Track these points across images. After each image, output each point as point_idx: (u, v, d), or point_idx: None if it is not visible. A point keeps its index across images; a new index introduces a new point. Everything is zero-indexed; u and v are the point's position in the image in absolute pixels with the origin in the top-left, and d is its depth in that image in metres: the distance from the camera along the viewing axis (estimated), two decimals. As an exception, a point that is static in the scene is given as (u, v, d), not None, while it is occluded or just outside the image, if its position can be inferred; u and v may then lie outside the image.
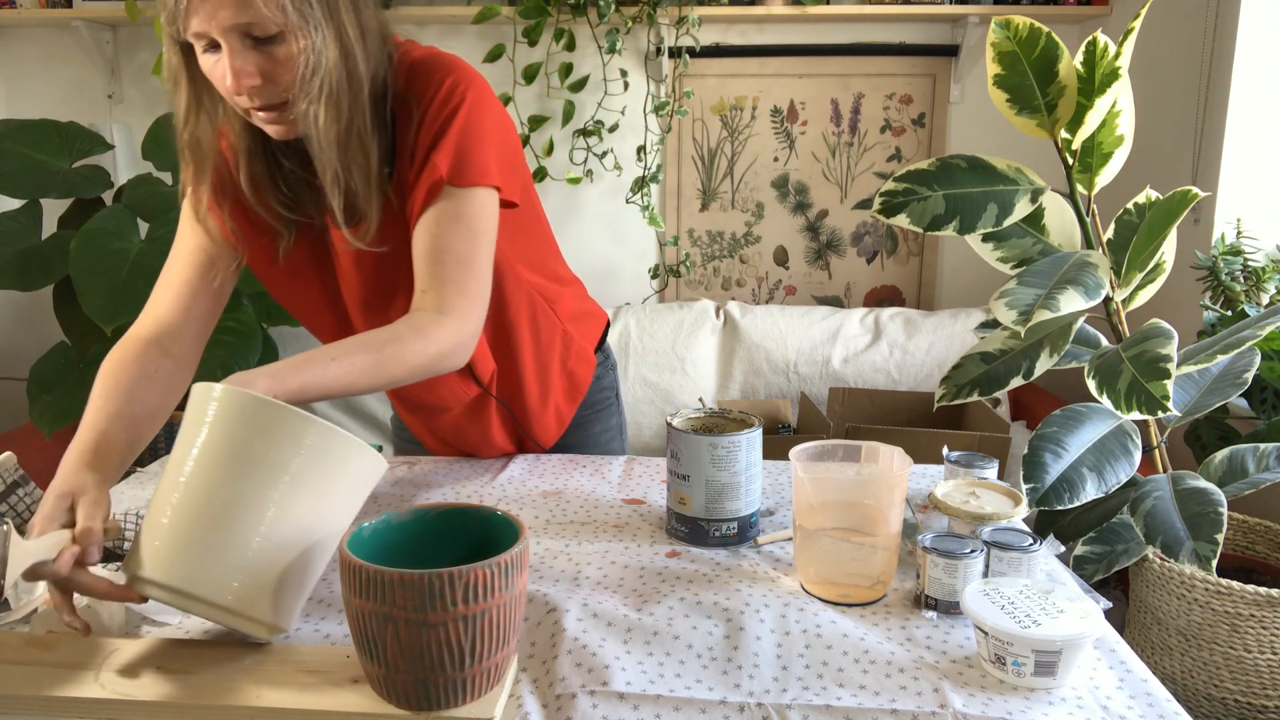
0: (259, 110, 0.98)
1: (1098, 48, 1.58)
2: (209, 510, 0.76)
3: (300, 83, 0.96)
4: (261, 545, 0.76)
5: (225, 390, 0.78)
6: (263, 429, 0.77)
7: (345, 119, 1.00)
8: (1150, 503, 1.63)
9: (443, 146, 1.05)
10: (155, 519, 0.78)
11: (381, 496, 1.20)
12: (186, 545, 0.76)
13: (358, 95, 1.01)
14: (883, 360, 2.71)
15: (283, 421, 0.77)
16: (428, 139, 1.05)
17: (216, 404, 0.78)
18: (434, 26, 2.86)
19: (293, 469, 0.77)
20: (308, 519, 0.78)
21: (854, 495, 0.94)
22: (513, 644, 0.74)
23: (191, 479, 0.77)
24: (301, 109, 0.98)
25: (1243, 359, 1.80)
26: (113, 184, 2.40)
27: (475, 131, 1.07)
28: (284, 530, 0.77)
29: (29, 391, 2.25)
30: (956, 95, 2.87)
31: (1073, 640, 0.77)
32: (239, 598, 0.76)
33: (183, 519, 0.76)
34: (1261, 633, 1.64)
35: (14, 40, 2.87)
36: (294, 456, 0.77)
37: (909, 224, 1.67)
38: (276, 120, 0.99)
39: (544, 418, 1.34)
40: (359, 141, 1.02)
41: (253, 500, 0.76)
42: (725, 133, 2.93)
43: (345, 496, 0.81)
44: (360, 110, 1.02)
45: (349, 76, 0.99)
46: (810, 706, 0.75)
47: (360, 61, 1.00)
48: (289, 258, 1.15)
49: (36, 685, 0.74)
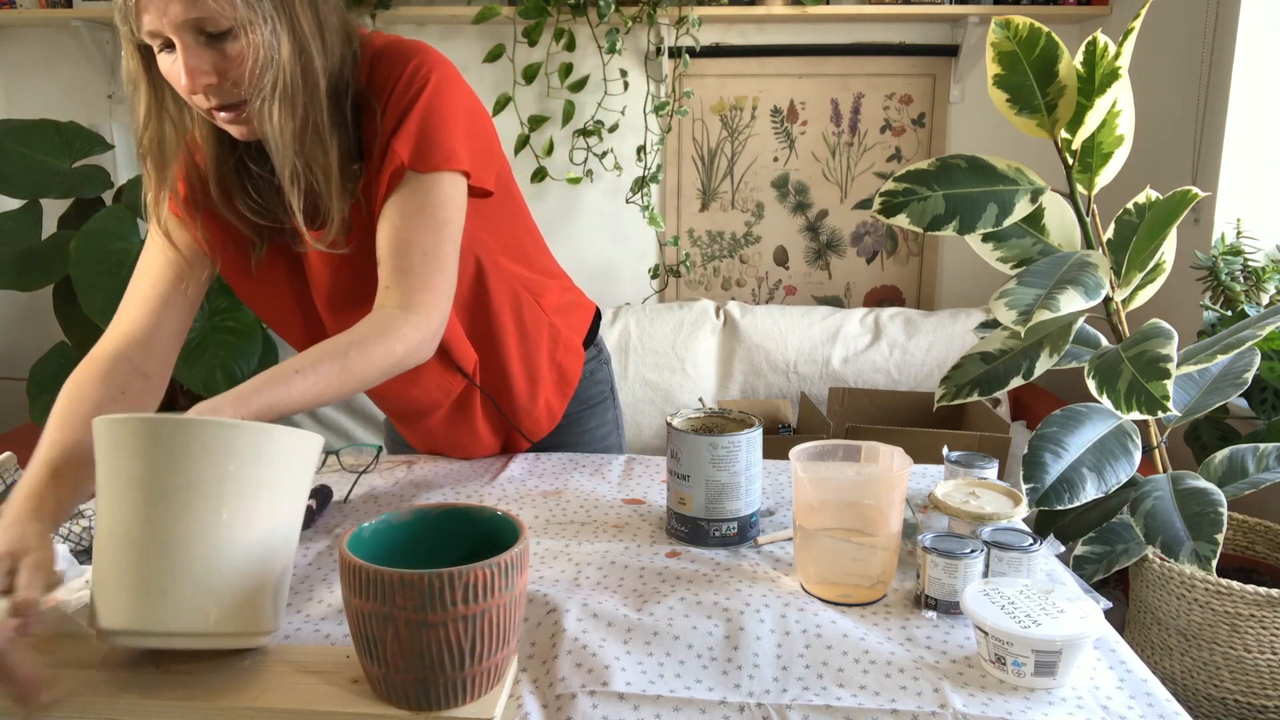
0: (218, 110, 0.97)
1: (1098, 48, 1.59)
2: (154, 544, 0.72)
3: (251, 78, 0.94)
4: (219, 562, 0.73)
5: (134, 420, 0.73)
6: (183, 449, 0.73)
7: (301, 116, 0.98)
8: (1150, 503, 1.63)
9: (404, 132, 1.02)
10: (101, 569, 0.74)
11: (381, 496, 1.20)
12: (143, 585, 0.72)
13: (314, 92, 0.99)
14: (883, 360, 2.71)
15: (203, 435, 0.73)
16: (390, 125, 1.02)
17: (128, 435, 0.74)
18: (434, 26, 2.86)
19: (227, 479, 0.74)
20: (260, 522, 0.76)
21: (854, 495, 0.94)
22: (513, 644, 0.74)
23: (126, 517, 0.73)
24: (255, 106, 0.96)
25: (1243, 359, 1.80)
26: (113, 184, 2.40)
27: (439, 114, 1.03)
28: (238, 540, 0.74)
29: (29, 391, 2.25)
30: (956, 95, 2.87)
31: (1073, 640, 0.77)
32: (217, 619, 0.73)
33: (129, 560, 0.72)
34: (1261, 633, 1.64)
35: (14, 40, 2.87)
36: (226, 464, 0.74)
37: (909, 224, 1.67)
38: (235, 120, 0.98)
39: (534, 412, 1.33)
40: (317, 139, 1.00)
41: (195, 522, 0.73)
42: (725, 133, 2.93)
43: (291, 486, 0.79)
44: (318, 106, 1.00)
45: (304, 72, 0.98)
46: (810, 707, 0.75)
47: (317, 57, 0.99)
48: (260, 264, 1.13)
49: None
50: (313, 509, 1.11)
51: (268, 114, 0.96)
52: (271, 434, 0.76)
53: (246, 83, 0.95)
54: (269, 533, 0.77)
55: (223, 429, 0.74)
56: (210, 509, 0.73)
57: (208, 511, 0.73)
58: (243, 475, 0.74)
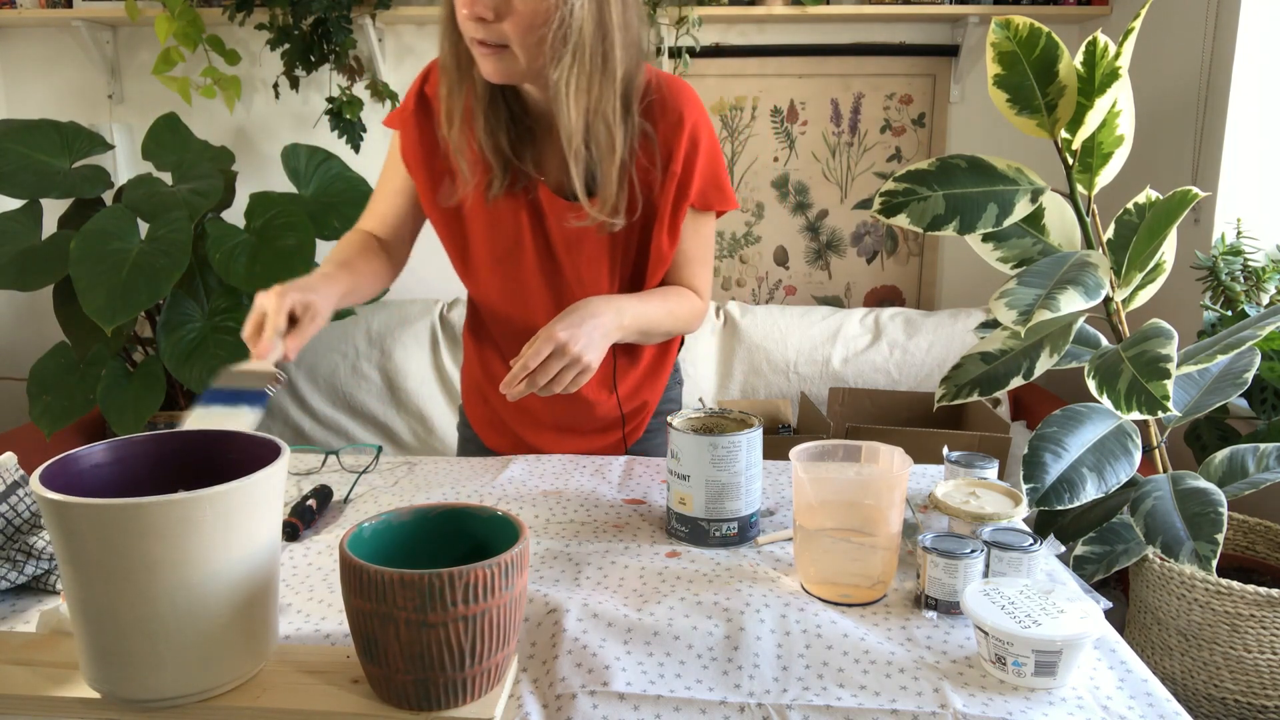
0: (479, 42, 1.06)
1: (1098, 48, 1.58)
2: (145, 621, 0.69)
3: (554, 45, 1.04)
4: (206, 617, 0.70)
5: (97, 506, 0.67)
6: (119, 532, 0.67)
7: (597, 95, 1.08)
8: (1150, 503, 1.63)
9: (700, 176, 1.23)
10: (91, 645, 0.71)
11: (381, 496, 1.20)
12: (135, 659, 0.70)
13: (611, 80, 1.08)
14: (883, 360, 2.71)
15: (163, 513, 0.67)
16: (688, 164, 1.20)
17: (75, 519, 0.68)
18: (434, 27, 2.85)
19: (195, 541, 0.69)
20: (239, 563, 0.72)
21: (854, 495, 0.94)
22: (513, 644, 0.74)
23: (108, 598, 0.69)
24: (553, 77, 1.06)
25: (1243, 359, 1.80)
26: (113, 184, 2.40)
27: (722, 161, 1.26)
28: (219, 590, 0.71)
29: (29, 391, 2.25)
30: (956, 95, 2.87)
31: (1073, 640, 0.77)
32: (218, 672, 0.72)
33: (121, 636, 0.69)
34: (1261, 633, 1.64)
35: (14, 40, 2.87)
36: (198, 526, 0.68)
37: (909, 224, 1.67)
38: (490, 57, 1.07)
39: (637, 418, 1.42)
40: (605, 127, 1.10)
41: (179, 586, 0.69)
42: (725, 133, 2.93)
43: (264, 517, 0.74)
44: (611, 95, 1.09)
45: (604, 58, 1.06)
46: (810, 707, 0.75)
47: (618, 47, 1.07)
48: (496, 198, 1.23)
49: (36, 685, 0.74)
50: (313, 509, 1.11)
51: (564, 84, 1.06)
52: (240, 490, 0.70)
53: (549, 47, 1.04)
54: (248, 572, 0.72)
55: (193, 502, 0.68)
56: (180, 577, 0.69)
57: (181, 575, 0.69)
58: (216, 527, 0.69)
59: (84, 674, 0.73)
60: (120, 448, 0.80)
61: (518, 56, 1.06)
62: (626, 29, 1.08)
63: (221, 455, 0.82)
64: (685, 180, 1.20)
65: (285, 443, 0.78)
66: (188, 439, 0.83)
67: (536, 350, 1.04)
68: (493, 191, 1.20)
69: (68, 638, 0.80)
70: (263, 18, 2.66)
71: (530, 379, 1.05)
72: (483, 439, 1.45)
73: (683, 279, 1.28)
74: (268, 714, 0.71)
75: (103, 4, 2.69)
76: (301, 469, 1.31)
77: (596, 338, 1.09)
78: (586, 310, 1.11)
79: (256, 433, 0.81)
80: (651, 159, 1.19)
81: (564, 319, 1.08)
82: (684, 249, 1.26)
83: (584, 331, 1.08)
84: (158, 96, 2.84)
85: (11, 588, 0.93)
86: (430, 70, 1.25)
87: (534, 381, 1.05)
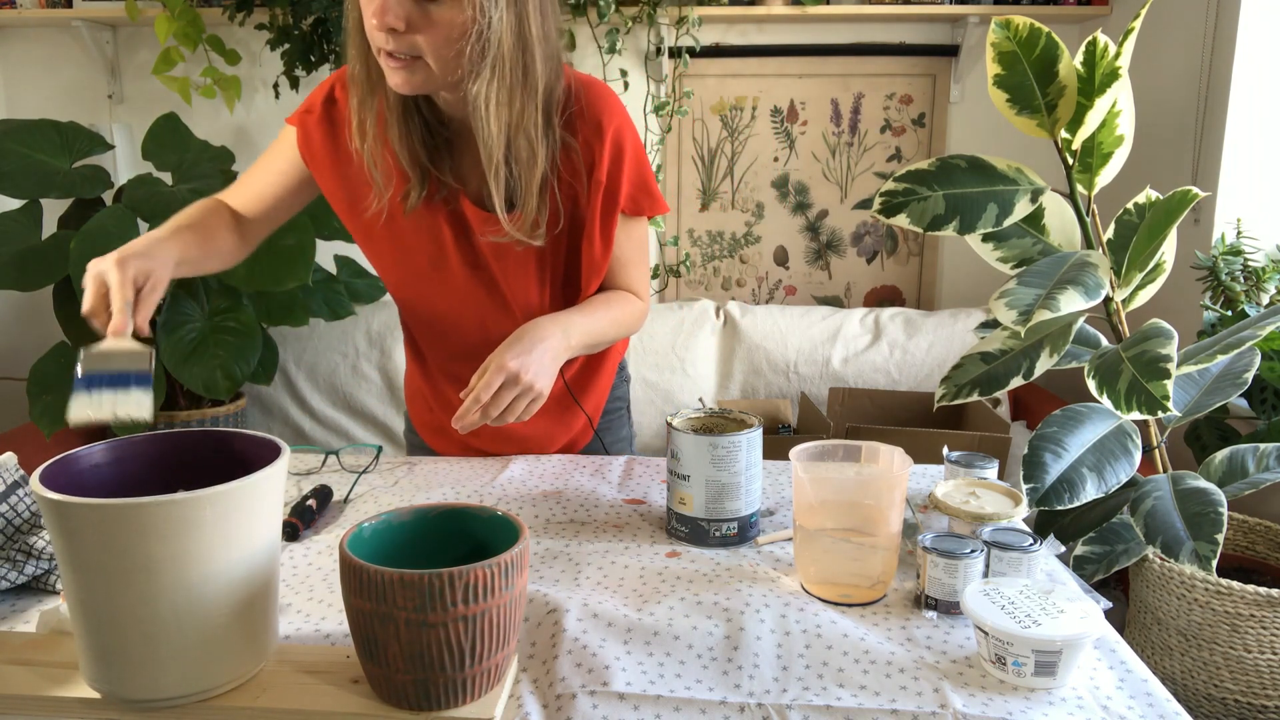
0: (389, 54, 1.02)
1: (1098, 48, 1.58)
2: (145, 622, 0.69)
3: (472, 56, 1.00)
4: (206, 617, 0.70)
5: (97, 506, 0.67)
6: (123, 531, 0.68)
7: (518, 109, 1.05)
8: (1150, 503, 1.63)
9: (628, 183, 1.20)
10: (91, 645, 0.71)
11: (381, 496, 1.20)
12: (135, 659, 0.70)
13: (532, 94, 1.06)
14: (883, 360, 2.71)
15: (163, 513, 0.67)
16: (613, 172, 1.18)
17: (79, 519, 0.68)
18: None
19: (195, 541, 0.69)
20: (238, 563, 0.72)
21: (854, 495, 0.94)
22: (513, 644, 0.74)
23: (108, 599, 0.69)
24: (473, 89, 1.02)
25: (1243, 359, 1.80)
26: (113, 184, 2.40)
27: (648, 166, 1.24)
28: (219, 590, 0.71)
29: (29, 391, 2.25)
30: (956, 95, 2.87)
31: (1073, 640, 0.77)
32: (218, 672, 0.72)
33: (121, 637, 0.69)
34: (1261, 633, 1.64)
35: (14, 40, 2.87)
36: (198, 526, 0.69)
37: (909, 224, 1.67)
38: (400, 69, 1.03)
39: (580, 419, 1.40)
40: (526, 142, 1.08)
41: (179, 586, 0.69)
42: (725, 133, 2.93)
43: (264, 517, 0.74)
44: (533, 109, 1.06)
45: (525, 71, 1.04)
46: (810, 707, 0.75)
47: (538, 61, 1.05)
48: (415, 208, 1.19)
49: (36, 685, 0.74)
50: (313, 509, 1.11)
51: (484, 99, 1.03)
52: (240, 490, 0.71)
53: (467, 60, 1.00)
54: (248, 573, 0.73)
55: (195, 503, 0.68)
56: (179, 577, 0.69)
57: (181, 576, 0.69)
58: (217, 528, 0.70)
59: (84, 674, 0.73)
60: (120, 448, 0.80)
61: (431, 68, 1.02)
62: (546, 40, 1.06)
63: (221, 455, 0.82)
64: (612, 189, 1.18)
65: (285, 443, 0.79)
66: (188, 439, 0.83)
67: (487, 382, 1.03)
68: (410, 202, 1.17)
69: (68, 638, 0.80)
70: (263, 18, 2.66)
71: (484, 410, 1.04)
72: (430, 444, 1.44)
73: (620, 283, 1.28)
74: (268, 714, 0.71)
75: (103, 4, 2.69)
76: (301, 469, 1.31)
77: (547, 362, 1.08)
78: (535, 335, 1.09)
79: (257, 433, 0.81)
80: (574, 171, 1.16)
81: (512, 346, 1.07)
82: (618, 254, 1.25)
83: (534, 359, 1.07)
84: (158, 96, 2.84)
85: (11, 588, 0.93)
86: (339, 77, 1.19)
87: (487, 413, 1.04)
